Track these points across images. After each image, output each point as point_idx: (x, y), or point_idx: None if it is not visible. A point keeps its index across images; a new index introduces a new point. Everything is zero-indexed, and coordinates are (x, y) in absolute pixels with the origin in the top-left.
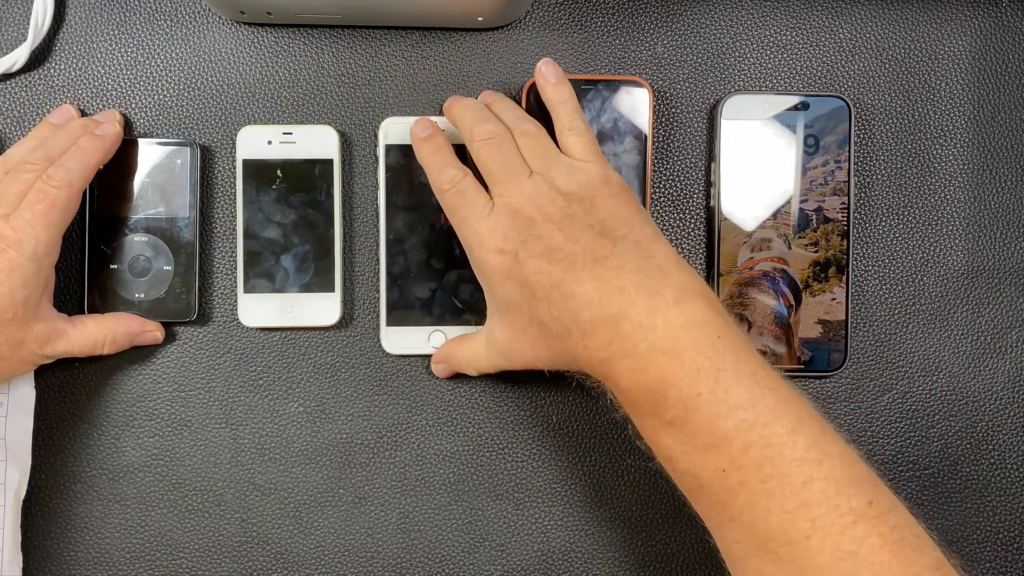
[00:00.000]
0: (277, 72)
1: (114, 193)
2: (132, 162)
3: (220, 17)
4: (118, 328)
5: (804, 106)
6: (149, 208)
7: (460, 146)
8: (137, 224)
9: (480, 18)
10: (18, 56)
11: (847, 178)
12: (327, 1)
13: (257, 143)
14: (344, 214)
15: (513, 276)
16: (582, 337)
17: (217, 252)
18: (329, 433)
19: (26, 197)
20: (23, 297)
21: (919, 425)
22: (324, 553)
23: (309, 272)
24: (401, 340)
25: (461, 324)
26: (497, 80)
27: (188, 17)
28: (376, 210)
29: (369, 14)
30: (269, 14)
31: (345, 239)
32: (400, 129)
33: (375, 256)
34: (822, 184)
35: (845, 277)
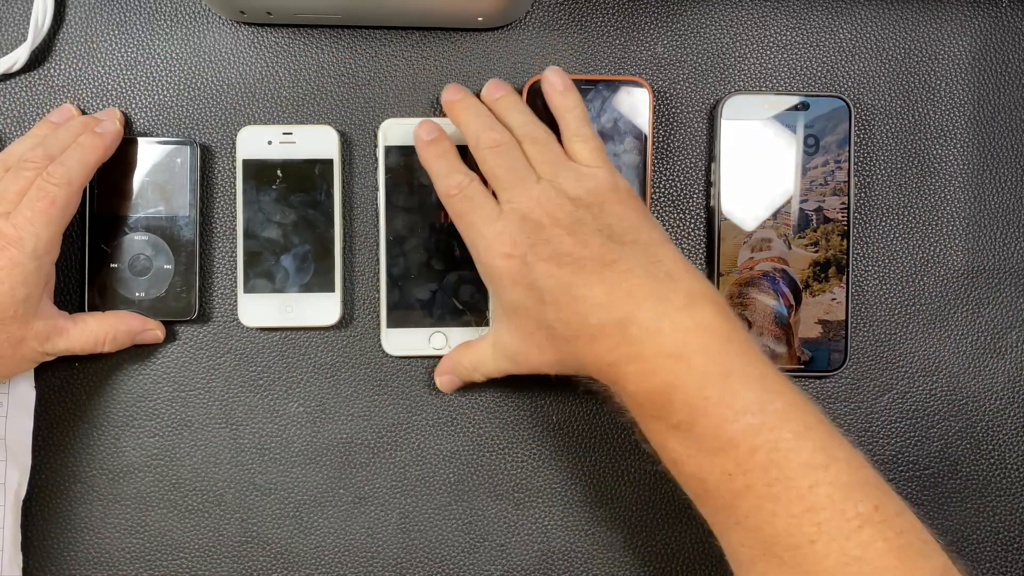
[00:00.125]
0: (277, 72)
1: (114, 192)
2: (132, 161)
3: (220, 17)
4: (119, 326)
5: (804, 106)
6: (149, 207)
7: (462, 147)
8: (137, 223)
9: (480, 18)
10: (18, 56)
11: (847, 178)
12: (327, 1)
13: (257, 143)
14: (344, 214)
15: (521, 280)
16: (590, 341)
17: (217, 252)
18: (329, 433)
19: (26, 195)
20: (24, 295)
21: (919, 425)
22: (324, 553)
23: (309, 272)
24: (401, 341)
25: (461, 325)
26: None
27: (188, 17)
28: (376, 211)
29: (369, 14)
30: (269, 14)
31: (345, 239)
32: (400, 130)
33: (375, 256)
34: (822, 184)
35: (845, 277)
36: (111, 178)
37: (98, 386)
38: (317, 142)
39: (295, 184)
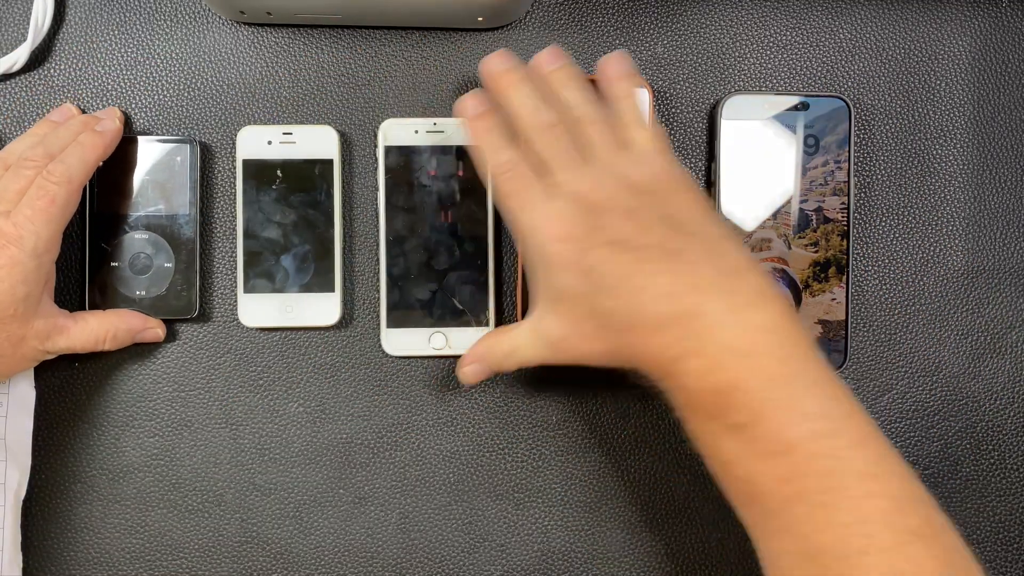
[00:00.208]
0: (277, 72)
1: (114, 191)
2: (132, 159)
3: (220, 17)
4: (119, 324)
5: (804, 106)
6: (149, 205)
7: None
8: (137, 221)
9: (480, 18)
10: (18, 56)
11: (847, 178)
12: (327, 1)
13: (257, 143)
14: (344, 214)
15: (575, 266)
16: (648, 333)
17: (217, 252)
18: (329, 433)
19: (27, 194)
20: (24, 293)
21: (919, 425)
22: (324, 553)
23: (309, 272)
24: (401, 341)
25: (461, 325)
26: None
27: (188, 17)
28: (376, 211)
29: (369, 14)
30: (269, 14)
31: (345, 239)
32: (400, 130)
33: (375, 256)
34: (822, 184)
35: (845, 277)
36: (111, 176)
37: (98, 386)
38: (317, 142)
39: (295, 184)
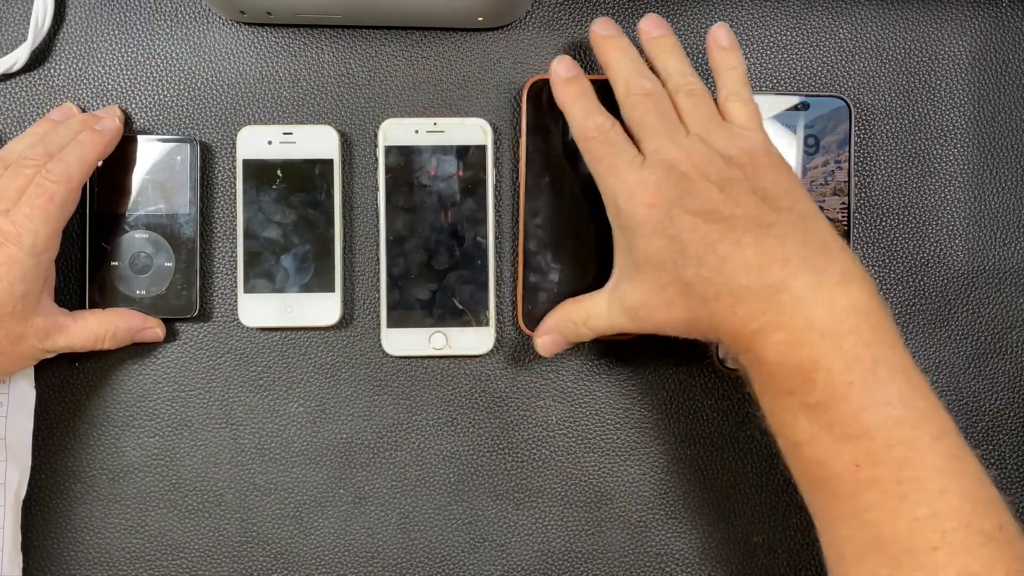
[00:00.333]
0: (277, 72)
1: (114, 190)
2: (132, 159)
3: (220, 17)
4: (119, 323)
5: (804, 106)
6: (149, 205)
7: None
8: (138, 221)
9: (480, 18)
10: (18, 56)
11: (847, 178)
12: (327, 1)
13: (257, 143)
14: (344, 214)
15: (663, 231)
16: (733, 303)
17: (217, 251)
18: (329, 433)
19: (25, 192)
20: (22, 291)
21: None
22: (324, 553)
23: (309, 272)
24: (401, 341)
25: (461, 325)
26: (497, 80)
27: (188, 17)
28: (376, 211)
29: (369, 14)
30: (269, 14)
31: (345, 239)
32: (400, 130)
33: (375, 256)
34: (822, 184)
35: None
36: (111, 176)
37: (98, 386)
38: (317, 142)
39: (295, 184)
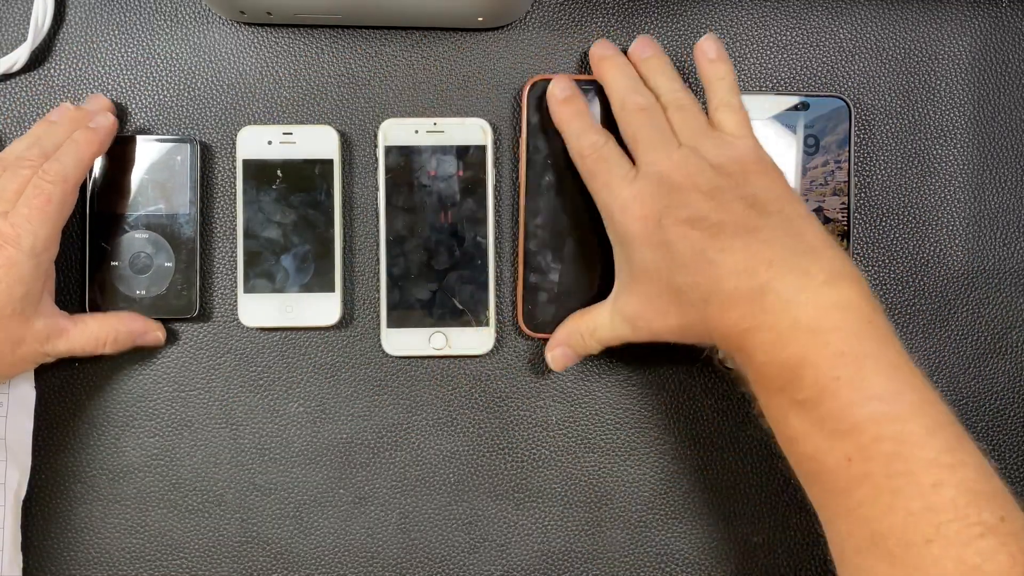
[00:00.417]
0: (277, 72)
1: (114, 190)
2: (132, 159)
3: (220, 17)
4: (120, 327)
5: (804, 106)
6: (149, 205)
7: None
8: (138, 221)
9: (480, 18)
10: (18, 56)
11: (847, 178)
12: (327, 1)
13: (257, 143)
14: (344, 214)
15: (655, 241)
16: (721, 307)
17: (217, 251)
18: (329, 433)
19: (23, 193)
20: (22, 292)
21: None
22: (324, 553)
23: (309, 272)
24: (401, 341)
25: (461, 325)
26: (497, 80)
27: (188, 17)
28: (376, 211)
29: (369, 14)
30: (269, 14)
31: (345, 239)
32: (400, 130)
33: (375, 256)
34: (822, 184)
35: None
36: (111, 176)
37: (98, 386)
38: (317, 142)
39: (295, 184)
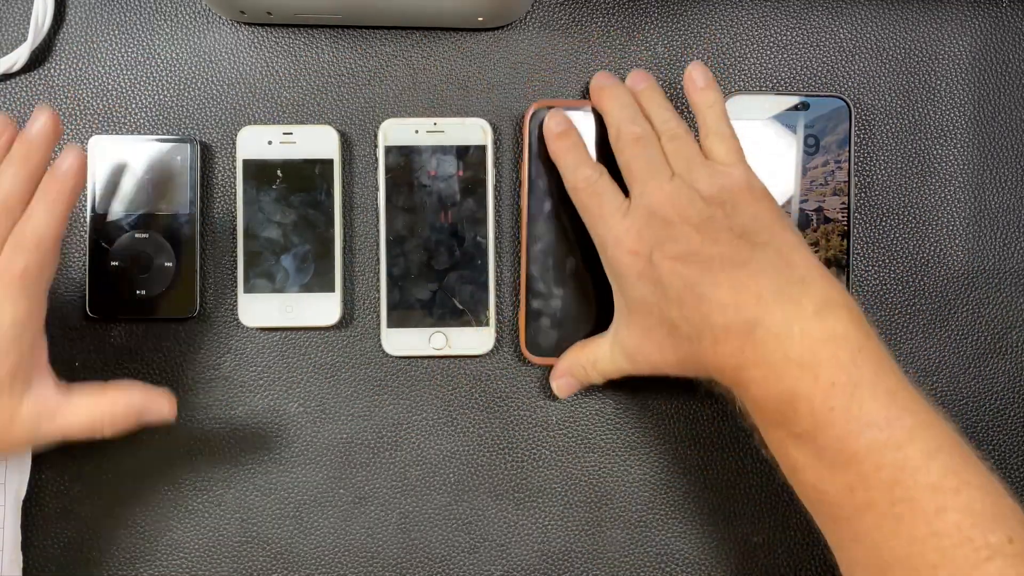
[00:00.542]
0: (277, 72)
1: (114, 190)
2: (132, 159)
3: (220, 17)
4: (117, 405)
5: (804, 106)
6: (150, 205)
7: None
8: (138, 221)
9: (480, 18)
10: (18, 56)
11: (847, 178)
12: (327, 1)
13: (257, 143)
14: (344, 214)
15: (645, 277)
16: (714, 342)
17: (217, 251)
18: (329, 433)
19: None
20: (11, 365)
21: None
22: (324, 553)
23: (309, 272)
24: (401, 341)
25: (461, 325)
26: (497, 80)
27: (188, 17)
28: (376, 211)
29: (369, 14)
30: (269, 14)
31: (345, 239)
32: (400, 130)
33: (375, 256)
34: (822, 184)
35: (845, 277)
36: (111, 176)
37: None
38: (317, 142)
39: (295, 184)
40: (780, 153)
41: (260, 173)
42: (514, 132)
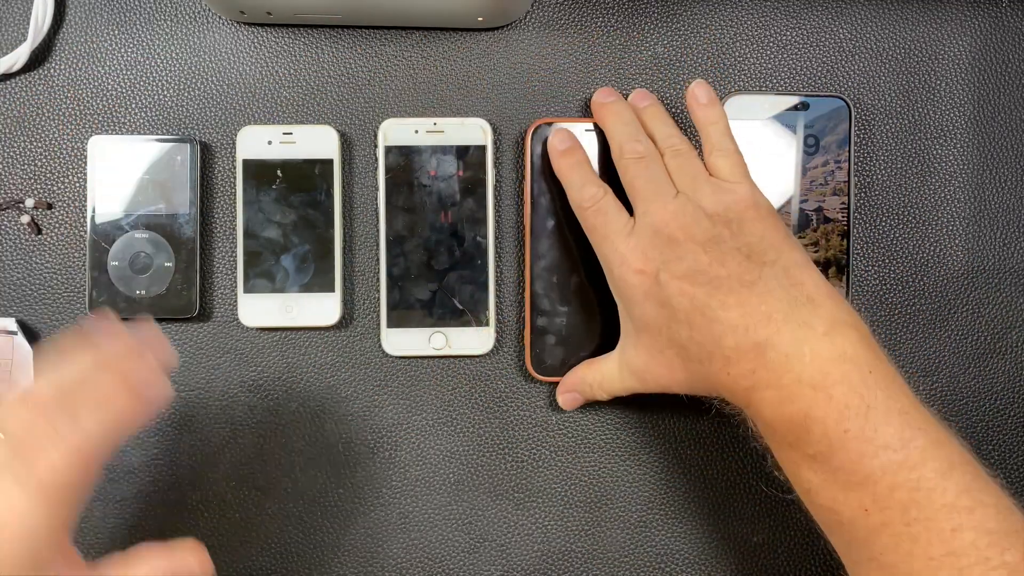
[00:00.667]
0: (277, 72)
1: (114, 190)
2: (132, 159)
3: (220, 17)
4: None
5: (804, 106)
6: (149, 205)
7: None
8: (138, 221)
9: (480, 18)
10: (18, 56)
11: (847, 178)
12: (327, 1)
13: (257, 143)
14: (344, 214)
15: (653, 297)
16: (724, 363)
17: (217, 251)
18: (329, 433)
19: (29, 460)
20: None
21: None
22: (324, 553)
23: (309, 272)
24: (401, 341)
25: (461, 325)
26: (497, 80)
27: (188, 17)
28: (376, 211)
29: (369, 14)
30: (269, 14)
31: (345, 239)
32: (400, 130)
33: (375, 256)
34: (822, 184)
35: (845, 277)
36: (111, 176)
37: None
38: (317, 142)
39: (295, 184)
40: (780, 153)
41: (260, 173)
42: (515, 133)
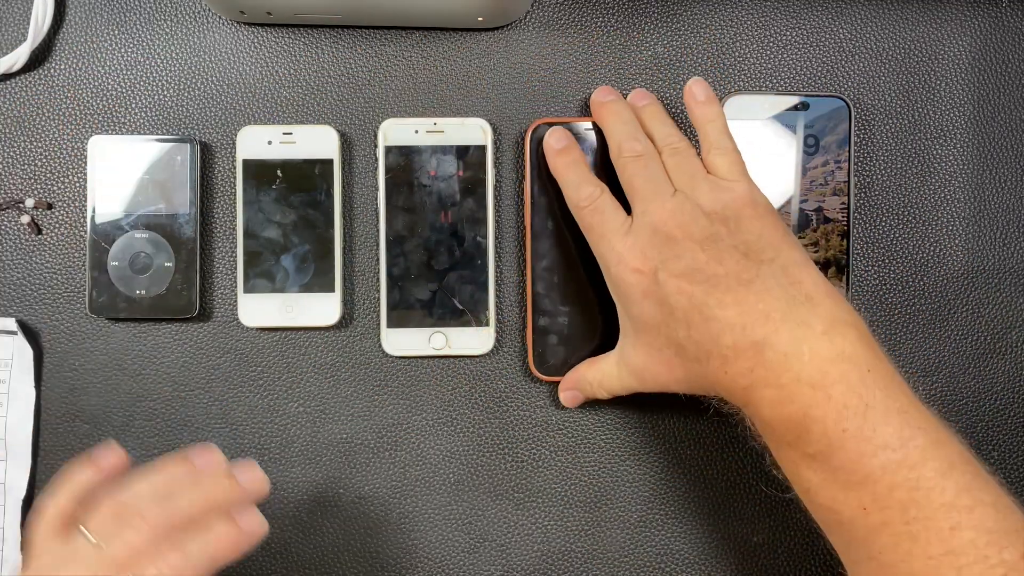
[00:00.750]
0: (277, 72)
1: (114, 190)
2: (132, 159)
3: (220, 17)
4: None
5: (804, 106)
6: (149, 205)
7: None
8: (138, 221)
9: (480, 18)
10: (18, 56)
11: (847, 178)
12: (327, 1)
13: (257, 143)
14: (344, 214)
15: (651, 296)
16: (722, 362)
17: (217, 251)
18: (329, 433)
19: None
20: None
21: None
22: (324, 553)
23: (309, 272)
24: (401, 341)
25: (461, 325)
26: (497, 80)
27: (188, 17)
28: (376, 211)
29: (369, 14)
30: (269, 14)
31: (345, 239)
32: (400, 130)
33: (375, 256)
34: (822, 184)
35: (845, 277)
36: (111, 176)
37: (98, 386)
38: (317, 142)
39: (295, 184)
40: (780, 153)
41: (260, 173)
42: (515, 133)
